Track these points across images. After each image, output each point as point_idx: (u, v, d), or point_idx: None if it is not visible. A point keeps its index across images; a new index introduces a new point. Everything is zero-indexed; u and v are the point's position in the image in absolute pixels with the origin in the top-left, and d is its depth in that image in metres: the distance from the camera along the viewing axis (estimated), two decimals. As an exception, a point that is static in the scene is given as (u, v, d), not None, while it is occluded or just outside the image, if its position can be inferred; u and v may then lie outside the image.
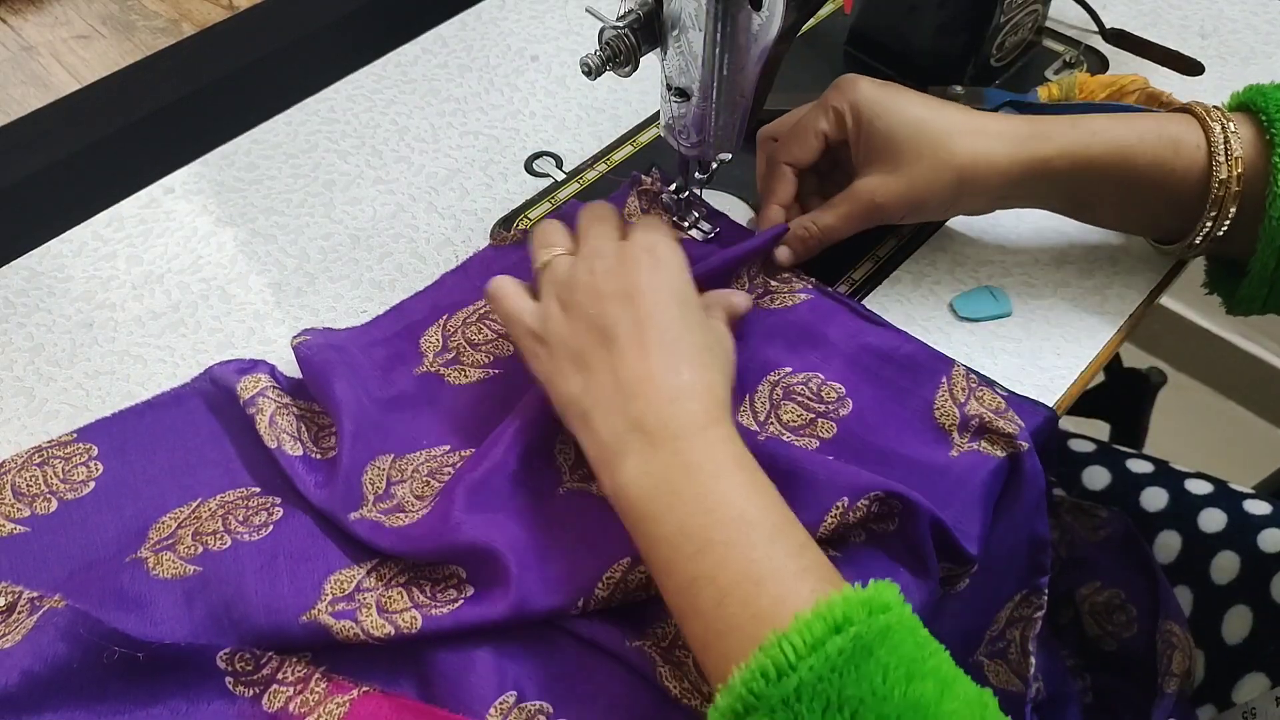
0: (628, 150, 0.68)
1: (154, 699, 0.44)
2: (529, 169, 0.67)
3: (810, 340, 0.55)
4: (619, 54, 0.51)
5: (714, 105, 0.53)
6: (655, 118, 0.70)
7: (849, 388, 0.54)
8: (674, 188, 0.61)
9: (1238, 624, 0.62)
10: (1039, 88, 0.68)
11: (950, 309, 0.59)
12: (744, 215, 0.63)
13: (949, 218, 0.62)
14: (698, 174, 0.60)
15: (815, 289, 0.58)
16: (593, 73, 0.51)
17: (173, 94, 0.69)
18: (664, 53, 0.52)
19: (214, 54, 0.72)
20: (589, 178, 0.66)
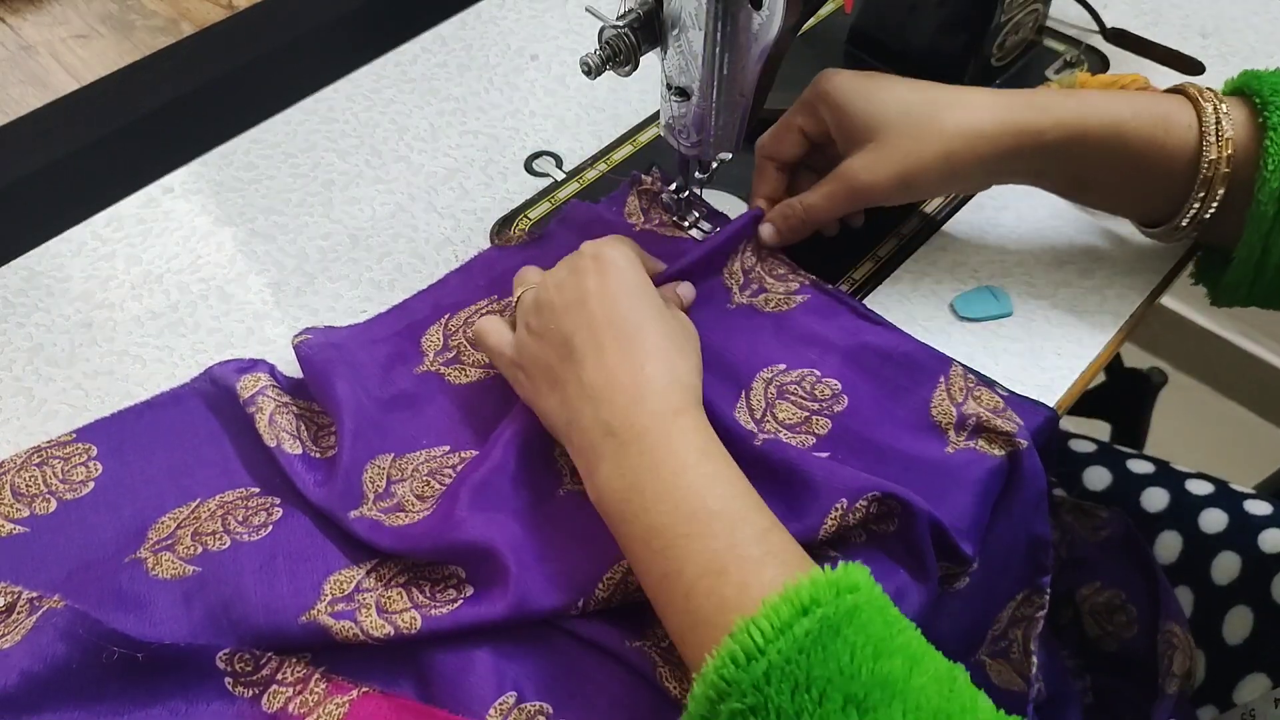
0: (628, 150, 0.68)
1: (153, 699, 0.44)
2: (529, 168, 0.67)
3: (807, 338, 0.55)
4: (619, 53, 0.51)
5: (714, 105, 0.53)
6: (655, 117, 0.70)
7: (845, 384, 0.53)
8: (674, 187, 0.61)
9: (1238, 624, 0.62)
10: (1039, 87, 0.68)
11: (951, 309, 0.59)
12: None
13: (941, 194, 0.61)
14: (698, 174, 0.60)
15: (812, 286, 0.58)
16: (593, 72, 0.51)
17: (172, 93, 0.69)
18: (664, 52, 0.52)
19: (213, 54, 0.72)
20: (589, 177, 0.66)
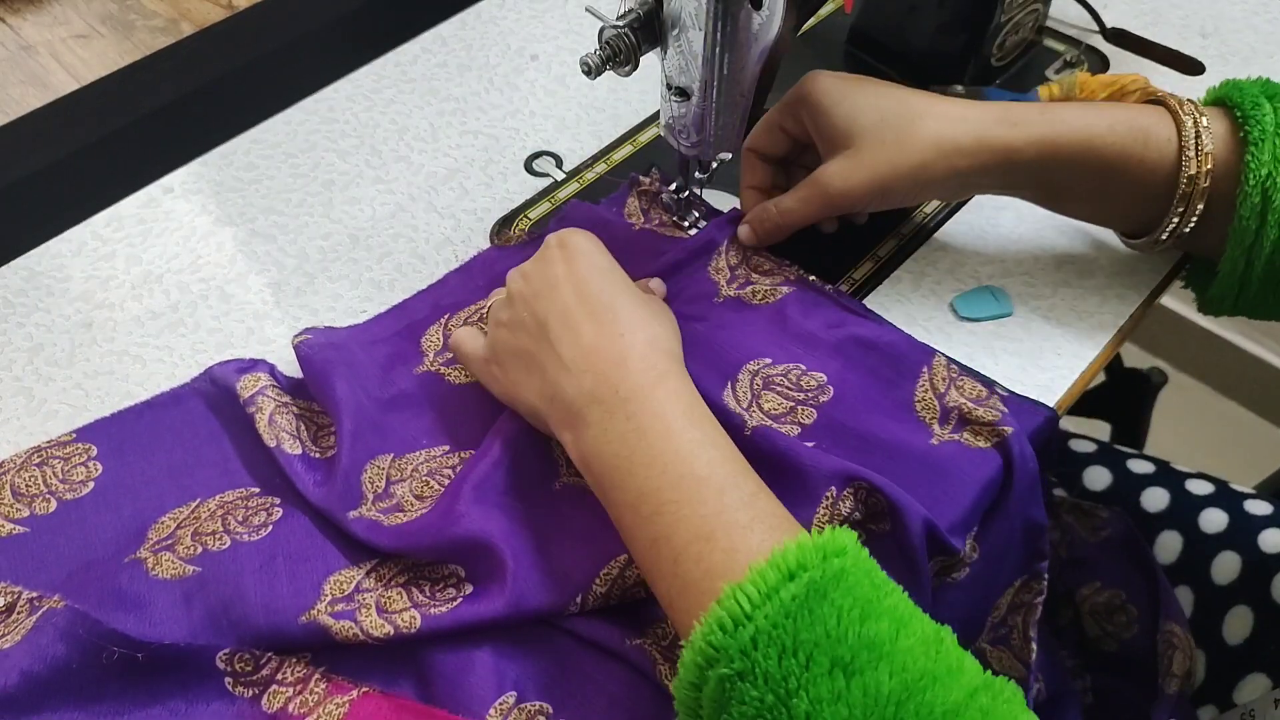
0: (628, 150, 0.68)
1: (153, 699, 0.44)
2: (529, 168, 0.67)
3: (793, 332, 0.55)
4: (619, 53, 0.51)
5: (714, 105, 0.53)
6: (655, 117, 0.70)
7: (831, 376, 0.54)
8: (674, 187, 0.61)
9: (1238, 624, 0.62)
10: (1040, 87, 0.68)
11: (951, 309, 0.59)
12: None
13: (916, 203, 0.61)
14: (698, 174, 0.60)
15: (797, 281, 0.58)
16: (593, 72, 0.51)
17: (172, 93, 0.69)
18: (664, 52, 0.52)
19: (213, 54, 0.72)
20: (589, 177, 0.66)
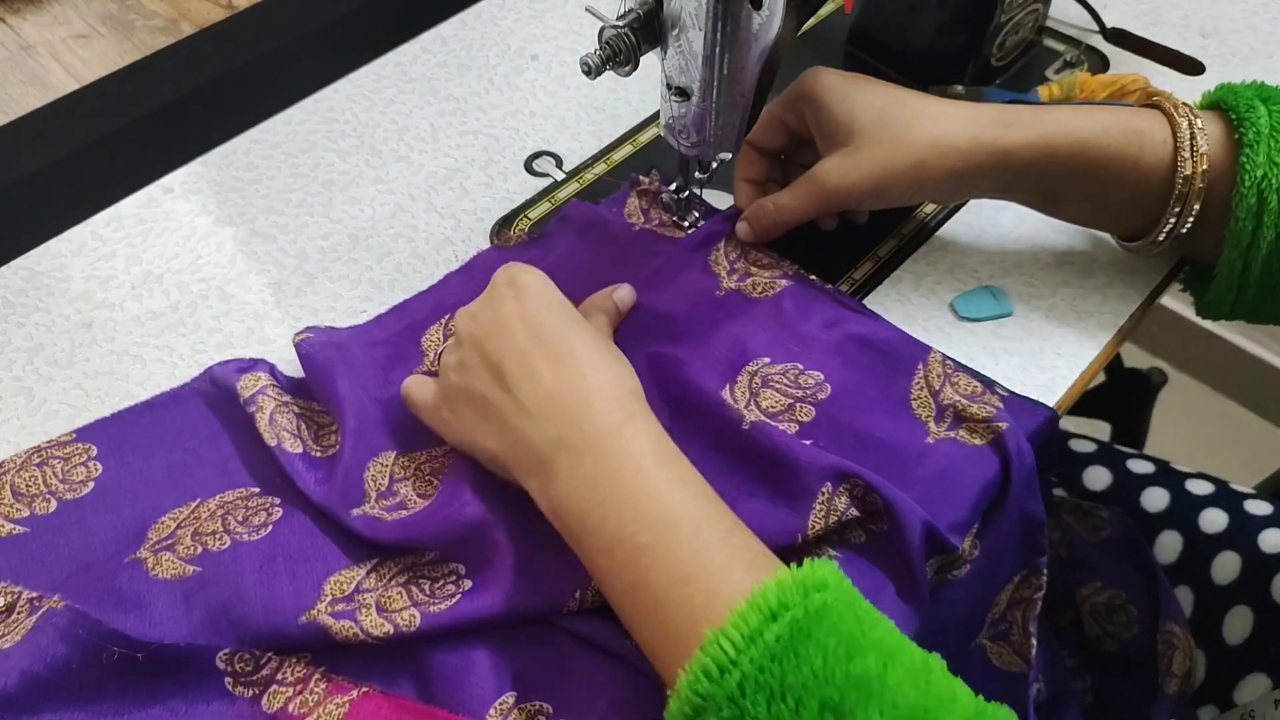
0: (628, 150, 0.68)
1: (153, 699, 0.44)
2: (529, 168, 0.67)
3: (789, 330, 0.56)
4: (619, 53, 0.51)
5: (714, 105, 0.53)
6: (655, 117, 0.70)
7: (828, 374, 0.54)
8: (674, 187, 0.61)
9: (1239, 624, 0.62)
10: (1040, 87, 0.68)
11: (951, 309, 0.59)
12: None
13: (912, 203, 0.61)
14: (698, 174, 0.60)
15: (795, 277, 0.58)
16: (593, 72, 0.51)
17: (172, 93, 0.69)
18: (664, 52, 0.52)
19: (213, 54, 0.72)
20: (589, 177, 0.66)
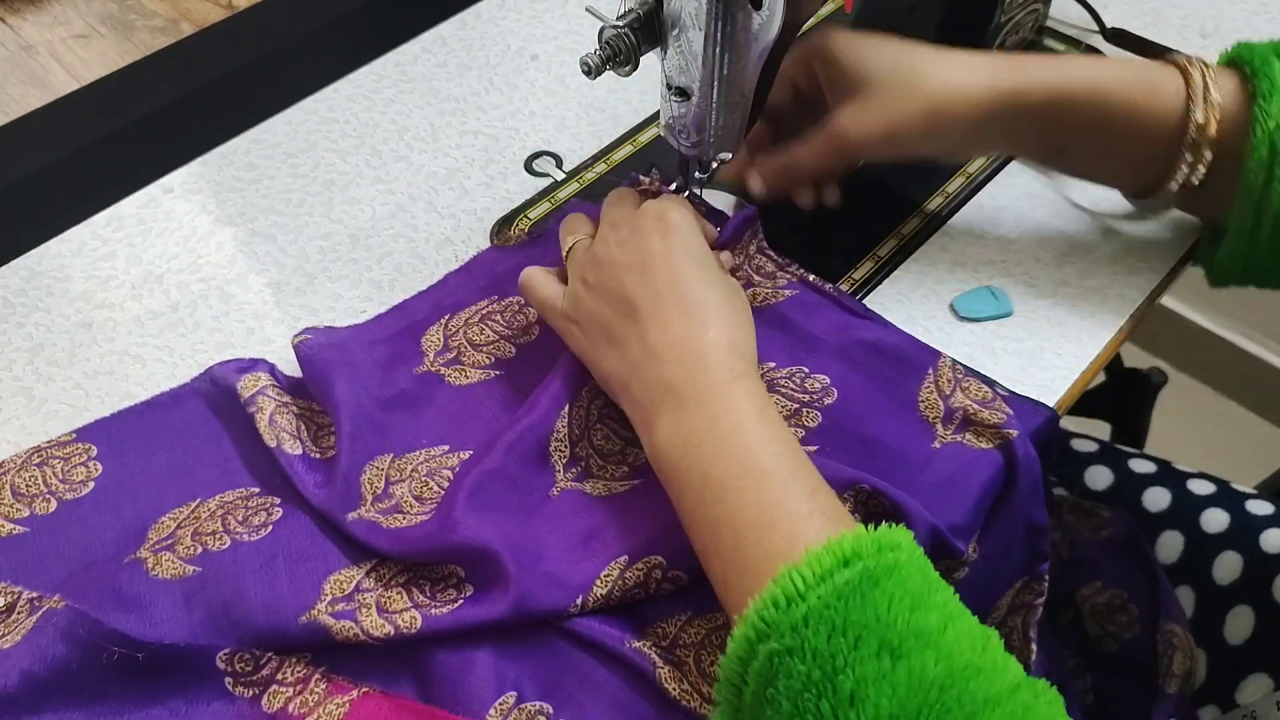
0: (628, 150, 0.68)
1: (153, 699, 0.44)
2: (529, 168, 0.67)
3: (795, 335, 0.56)
4: (619, 53, 0.51)
5: (714, 105, 0.53)
6: (655, 117, 0.70)
7: (834, 378, 0.54)
8: (674, 187, 0.61)
9: (1240, 624, 0.62)
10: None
11: (951, 309, 0.59)
12: None
13: (925, 153, 0.59)
14: (698, 174, 0.60)
15: (800, 282, 0.58)
16: (593, 72, 0.51)
17: (172, 94, 0.69)
18: (664, 52, 0.52)
19: (213, 54, 0.72)
20: (589, 177, 0.66)
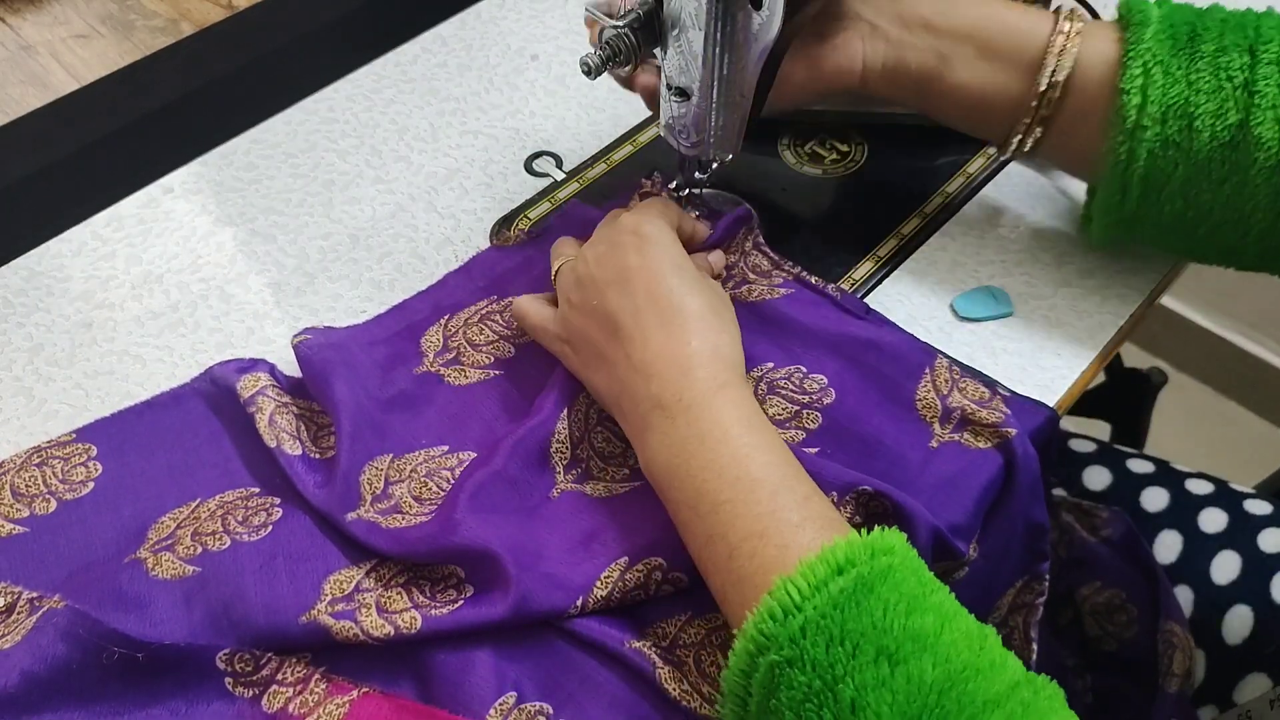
0: (628, 150, 0.68)
1: (153, 699, 0.44)
2: (529, 168, 0.67)
3: (791, 333, 0.56)
4: (619, 53, 0.51)
5: (714, 105, 0.53)
6: (655, 117, 0.70)
7: (832, 378, 0.54)
8: (674, 185, 0.61)
9: (1239, 624, 0.62)
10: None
11: (951, 309, 0.59)
12: None
13: (836, 70, 0.56)
14: (698, 174, 0.60)
15: (795, 281, 0.58)
16: (593, 72, 0.51)
17: (172, 94, 0.69)
18: (664, 52, 0.52)
19: (213, 54, 0.72)
20: (589, 177, 0.66)
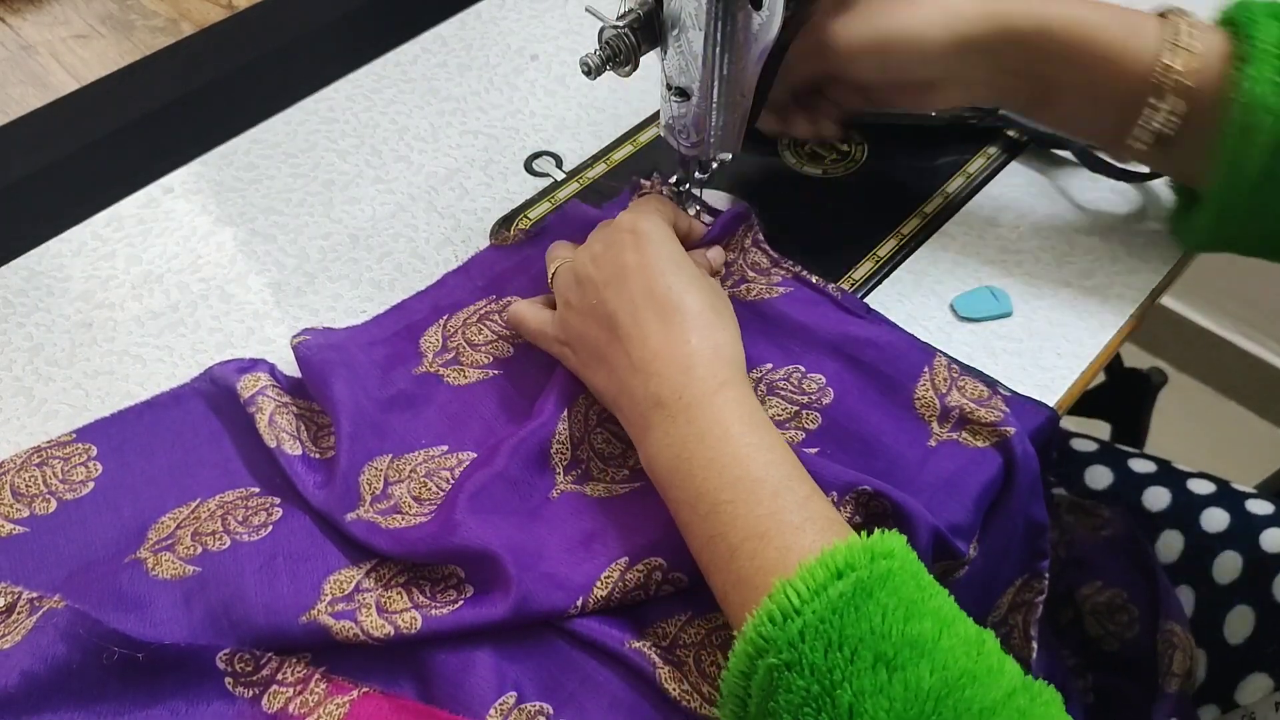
0: (628, 150, 0.68)
1: (153, 700, 0.44)
2: (529, 168, 0.67)
3: (790, 332, 0.56)
4: (619, 53, 0.51)
5: (714, 105, 0.53)
6: (655, 117, 0.70)
7: (831, 377, 0.54)
8: (674, 180, 0.61)
9: (1240, 624, 0.62)
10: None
11: (951, 309, 0.59)
12: None
13: (912, 77, 0.56)
14: (698, 174, 0.60)
15: (795, 279, 0.58)
16: (593, 72, 0.51)
17: (172, 94, 0.69)
18: (664, 52, 0.52)
19: (213, 53, 0.72)
20: (589, 177, 0.66)
